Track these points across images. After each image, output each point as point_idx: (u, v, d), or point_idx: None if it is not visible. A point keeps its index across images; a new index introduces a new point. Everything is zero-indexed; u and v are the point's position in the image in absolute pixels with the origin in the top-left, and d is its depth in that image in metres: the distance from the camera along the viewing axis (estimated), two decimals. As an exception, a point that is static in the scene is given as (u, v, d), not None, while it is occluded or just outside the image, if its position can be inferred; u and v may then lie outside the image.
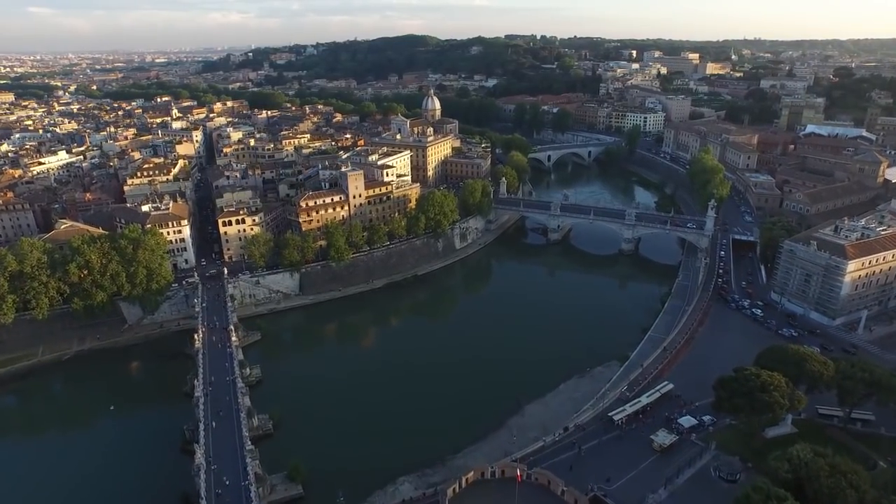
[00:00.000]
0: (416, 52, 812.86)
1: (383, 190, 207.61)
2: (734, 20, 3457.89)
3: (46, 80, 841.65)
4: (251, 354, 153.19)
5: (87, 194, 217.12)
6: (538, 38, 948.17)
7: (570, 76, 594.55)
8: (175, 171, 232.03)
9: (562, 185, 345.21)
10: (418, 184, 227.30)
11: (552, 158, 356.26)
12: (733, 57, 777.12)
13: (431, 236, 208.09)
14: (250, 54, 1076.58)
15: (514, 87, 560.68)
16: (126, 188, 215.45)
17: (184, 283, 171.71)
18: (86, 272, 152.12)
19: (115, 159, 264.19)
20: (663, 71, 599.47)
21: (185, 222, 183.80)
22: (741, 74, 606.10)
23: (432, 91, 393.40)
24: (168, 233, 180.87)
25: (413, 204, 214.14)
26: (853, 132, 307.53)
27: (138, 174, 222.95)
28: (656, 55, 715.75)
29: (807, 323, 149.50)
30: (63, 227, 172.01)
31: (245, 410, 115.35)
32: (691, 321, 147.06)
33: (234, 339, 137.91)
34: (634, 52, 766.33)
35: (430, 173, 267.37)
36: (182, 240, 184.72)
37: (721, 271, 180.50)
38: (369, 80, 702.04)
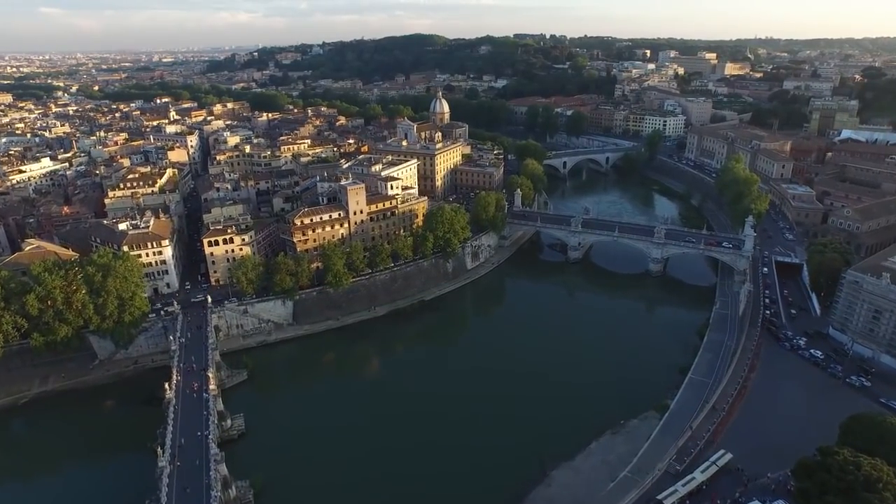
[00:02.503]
0: (424, 52, 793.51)
1: (387, 205, 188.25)
2: (745, 19, 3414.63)
3: (49, 81, 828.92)
4: (235, 398, 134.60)
5: (65, 208, 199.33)
6: (548, 37, 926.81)
7: (582, 77, 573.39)
8: (161, 181, 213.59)
9: (577, 193, 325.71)
10: (426, 197, 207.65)
11: (568, 165, 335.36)
12: (749, 56, 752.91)
13: (440, 256, 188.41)
14: (255, 54, 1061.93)
15: (525, 88, 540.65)
16: (107, 201, 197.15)
17: (162, 312, 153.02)
18: (48, 303, 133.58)
19: (102, 167, 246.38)
20: (680, 71, 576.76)
21: (166, 242, 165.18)
22: (761, 75, 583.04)
23: (440, 93, 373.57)
24: (147, 254, 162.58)
25: (420, 220, 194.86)
26: (895, 137, 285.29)
27: (121, 185, 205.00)
28: (672, 55, 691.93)
29: (877, 368, 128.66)
30: (28, 248, 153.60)
31: (220, 481, 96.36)
32: (741, 366, 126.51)
33: (212, 385, 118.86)
34: (648, 52, 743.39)
35: (438, 183, 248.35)
36: (163, 262, 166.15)
37: (767, 300, 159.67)
38: (376, 80, 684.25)
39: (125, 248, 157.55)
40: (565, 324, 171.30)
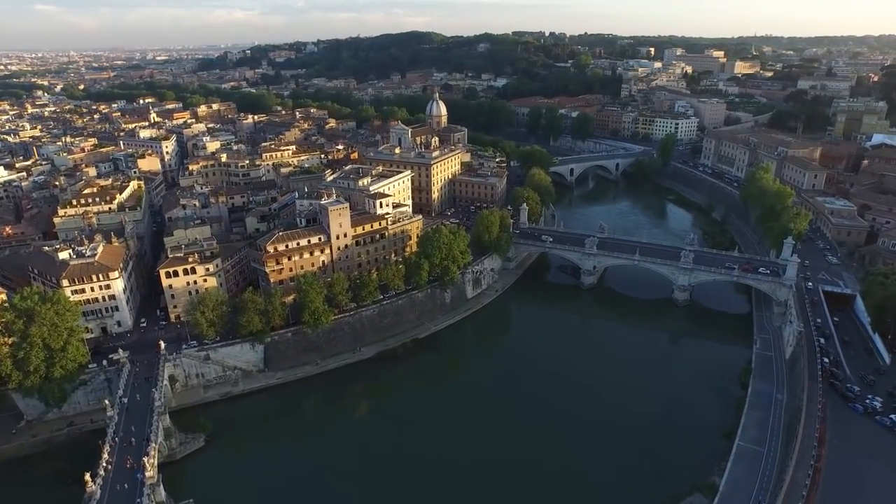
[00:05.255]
0: (421, 50, 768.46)
1: (376, 226, 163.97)
2: (744, 16, 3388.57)
3: (34, 80, 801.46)
4: (188, 473, 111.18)
5: (7, 228, 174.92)
6: (547, 34, 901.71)
7: (586, 76, 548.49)
8: (122, 196, 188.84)
9: (585, 202, 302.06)
10: (420, 216, 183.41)
11: (575, 172, 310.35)
12: (754, 54, 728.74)
13: (437, 286, 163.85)
14: (248, 52, 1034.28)
15: (526, 88, 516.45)
16: (56, 220, 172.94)
17: (104, 361, 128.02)
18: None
19: (62, 178, 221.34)
20: (688, 70, 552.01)
21: (115, 274, 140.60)
22: (772, 74, 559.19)
23: (437, 94, 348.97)
24: (92, 289, 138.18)
25: (414, 242, 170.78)
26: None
27: (73, 202, 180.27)
28: (678, 53, 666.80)
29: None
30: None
31: None
32: (808, 439, 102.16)
33: (149, 472, 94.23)
34: (653, 50, 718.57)
35: (435, 196, 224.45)
36: (112, 297, 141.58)
37: (821, 340, 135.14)
38: (371, 79, 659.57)
39: (64, 283, 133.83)
40: (580, 367, 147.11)
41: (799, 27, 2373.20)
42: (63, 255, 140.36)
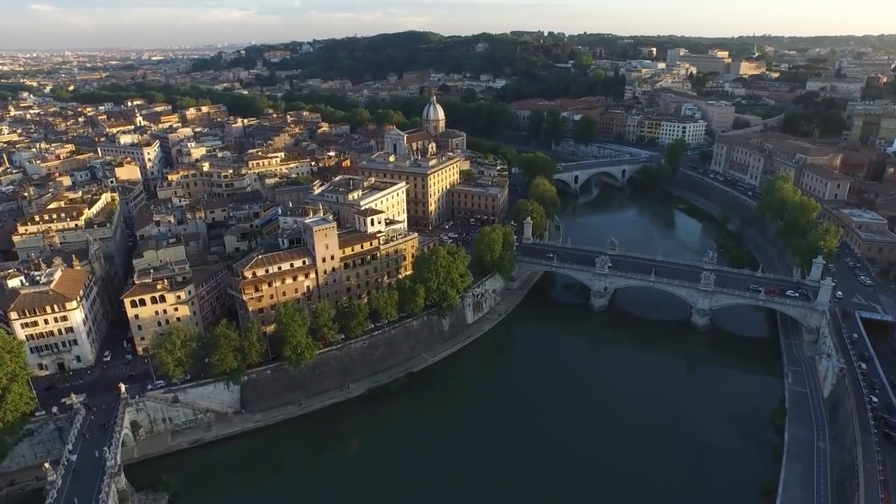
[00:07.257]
0: (418, 50, 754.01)
1: (367, 246, 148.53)
2: (743, 16, 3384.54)
3: (24, 80, 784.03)
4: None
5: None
6: (546, 34, 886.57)
7: (588, 77, 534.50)
8: (90, 211, 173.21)
9: (590, 211, 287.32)
10: (416, 234, 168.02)
11: (580, 180, 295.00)
12: (757, 53, 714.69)
13: (434, 312, 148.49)
14: (243, 52, 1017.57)
15: (526, 89, 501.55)
16: (15, 239, 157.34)
17: (54, 408, 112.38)
18: None
19: (31, 188, 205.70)
20: (693, 71, 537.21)
21: (73, 304, 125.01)
22: (778, 75, 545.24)
23: (435, 97, 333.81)
24: (46, 321, 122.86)
25: (409, 262, 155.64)
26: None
27: (36, 217, 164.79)
28: (681, 53, 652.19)
29: None
30: None
31: None
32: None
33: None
34: (654, 50, 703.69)
35: (432, 208, 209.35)
36: (69, 329, 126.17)
37: (863, 368, 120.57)
38: (367, 79, 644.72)
39: (12, 315, 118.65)
40: (591, 404, 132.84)
41: (798, 27, 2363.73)
42: (13, 282, 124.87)
